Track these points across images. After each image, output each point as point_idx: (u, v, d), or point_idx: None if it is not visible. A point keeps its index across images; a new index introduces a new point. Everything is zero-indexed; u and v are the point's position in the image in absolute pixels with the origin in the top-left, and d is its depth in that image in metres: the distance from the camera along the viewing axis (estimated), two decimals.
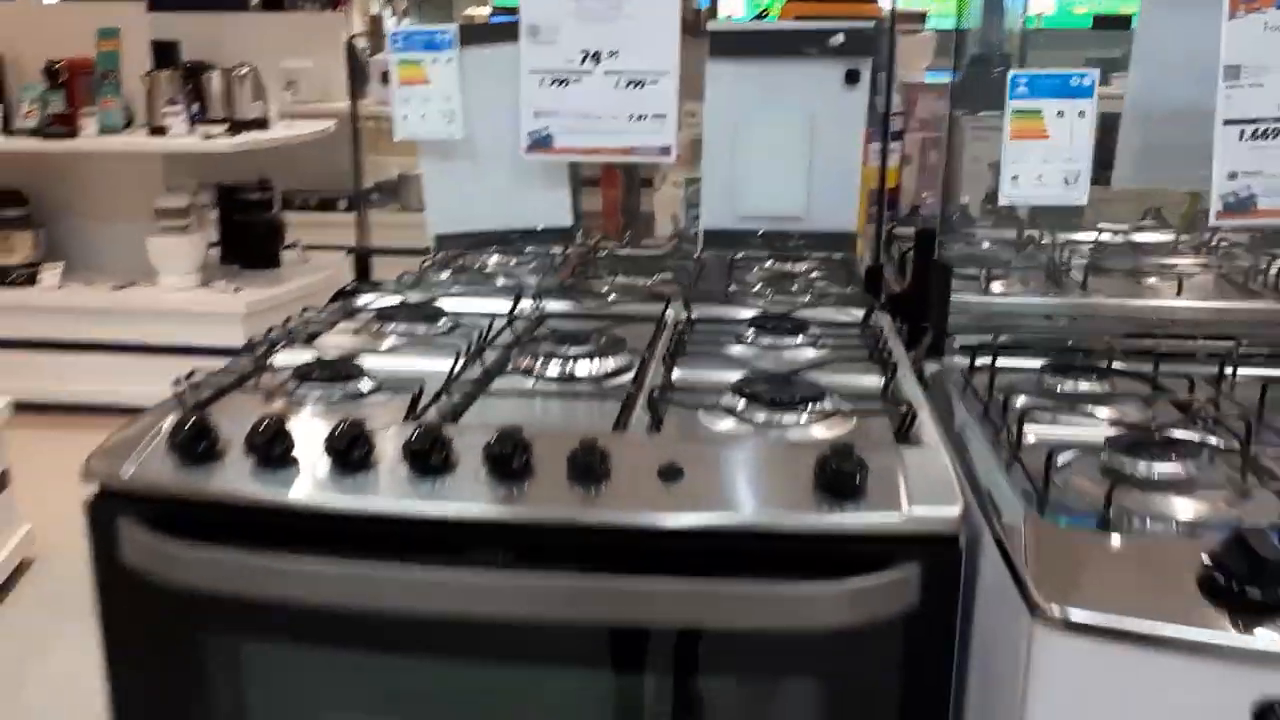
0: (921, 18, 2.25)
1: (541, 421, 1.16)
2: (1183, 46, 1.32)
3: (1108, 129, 1.41)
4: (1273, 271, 1.62)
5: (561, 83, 1.50)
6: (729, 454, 1.03)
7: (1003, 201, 1.35)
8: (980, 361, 1.26)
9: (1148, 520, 0.88)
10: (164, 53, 4.35)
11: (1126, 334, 1.33)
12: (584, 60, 1.49)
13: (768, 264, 1.73)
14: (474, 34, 1.55)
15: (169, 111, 3.94)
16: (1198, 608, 0.75)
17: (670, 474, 0.98)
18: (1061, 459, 0.97)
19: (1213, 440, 0.99)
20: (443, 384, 1.16)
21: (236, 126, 4.13)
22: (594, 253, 1.82)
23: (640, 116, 1.50)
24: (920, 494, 0.95)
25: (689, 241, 1.84)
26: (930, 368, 1.32)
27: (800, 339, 1.37)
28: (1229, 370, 1.22)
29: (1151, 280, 1.64)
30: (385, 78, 1.56)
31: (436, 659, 1.01)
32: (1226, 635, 0.73)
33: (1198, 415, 1.07)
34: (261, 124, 4.30)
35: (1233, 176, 1.28)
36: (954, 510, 0.93)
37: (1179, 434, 1.00)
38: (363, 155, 1.73)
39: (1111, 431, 1.03)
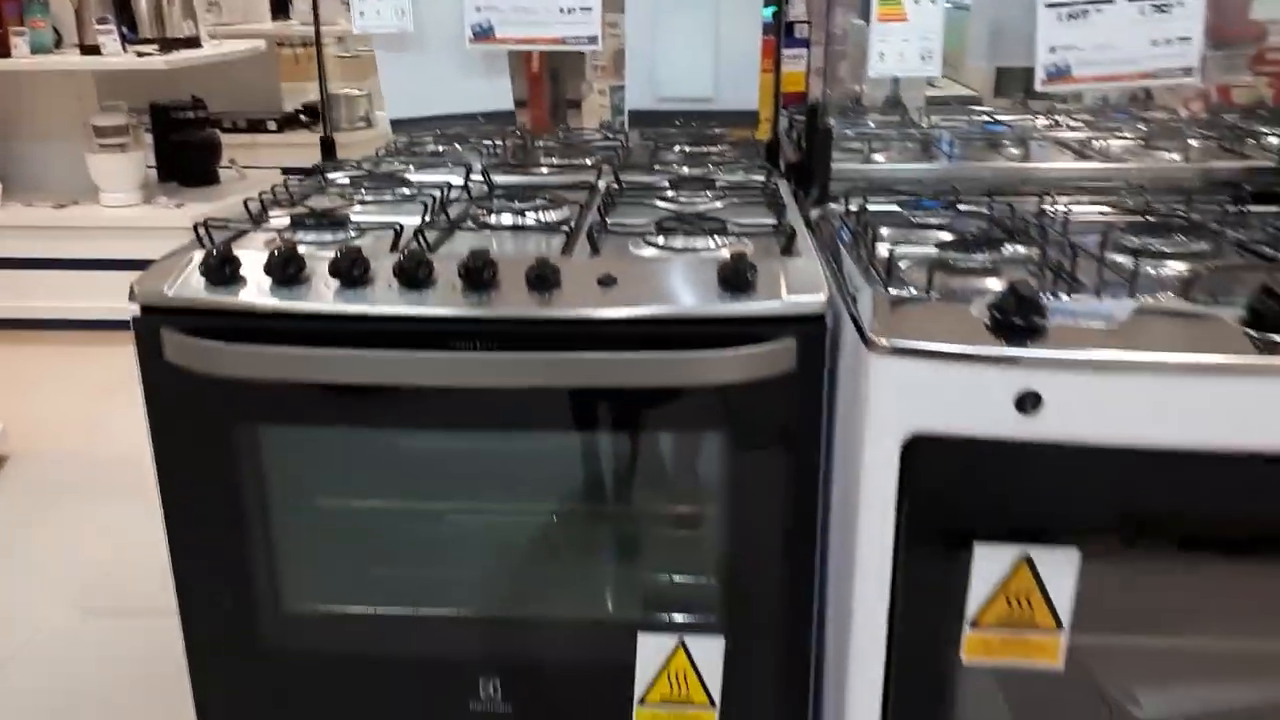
0: None
1: (502, 250, 1.42)
2: None
3: None
4: (1104, 142, 1.97)
5: None
6: (653, 267, 1.31)
7: (871, 74, 1.63)
8: (853, 206, 1.56)
9: (958, 291, 1.18)
10: None
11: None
12: None
13: (684, 143, 2.01)
14: None
15: (100, 30, 4.01)
16: (981, 333, 1.05)
17: (607, 281, 1.26)
18: (904, 261, 1.27)
19: (1018, 248, 1.30)
20: (417, 227, 1.41)
21: (168, 45, 4.22)
22: (533, 139, 2.07)
23: (569, 10, 1.74)
24: (796, 287, 1.24)
25: (616, 131, 2.10)
26: (815, 213, 1.61)
27: (710, 195, 1.64)
28: (1046, 207, 1.53)
29: (1008, 148, 1.96)
30: None
31: (427, 429, 1.29)
32: (998, 348, 1.04)
33: (1013, 231, 1.37)
34: (193, 43, 4.38)
35: (1053, 50, 1.58)
36: (820, 297, 1.22)
37: (993, 241, 1.31)
38: (322, 53, 1.93)
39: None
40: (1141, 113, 2.22)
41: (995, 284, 1.21)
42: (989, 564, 1.10)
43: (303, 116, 5.10)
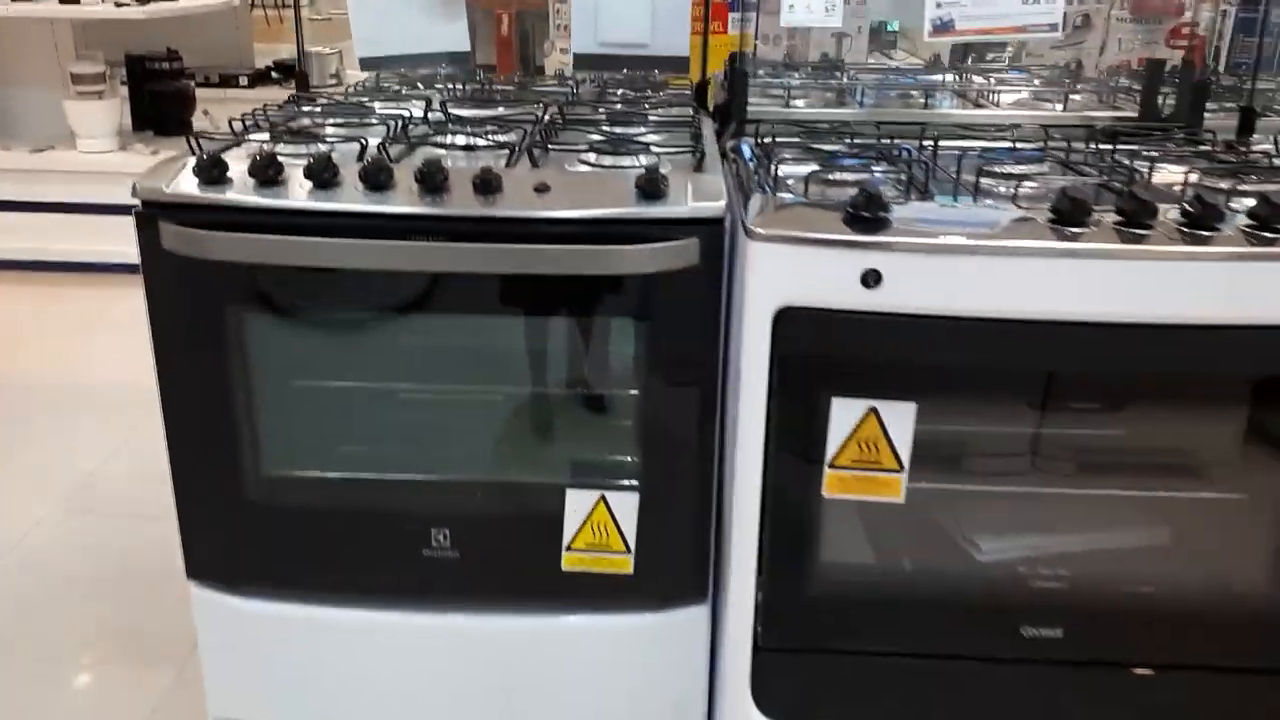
0: None
1: (454, 163, 1.64)
2: None
3: None
4: (1000, 96, 2.23)
5: None
6: (582, 178, 1.55)
7: (783, 24, 1.87)
8: (763, 138, 1.80)
9: (827, 197, 1.43)
10: None
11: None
12: None
13: (629, 89, 2.25)
14: None
15: None
16: (839, 225, 1.30)
17: (542, 188, 1.49)
18: (790, 179, 1.51)
19: (887, 167, 1.55)
20: (380, 142, 1.63)
21: None
22: (491, 82, 2.30)
23: None
24: (701, 196, 1.47)
25: (568, 79, 2.33)
26: (730, 143, 1.85)
27: (642, 128, 1.88)
28: (928, 143, 1.77)
29: (916, 99, 2.21)
30: None
31: (385, 313, 1.52)
32: (848, 234, 1.28)
33: (894, 160, 1.62)
34: None
35: (939, 5, 1.82)
36: (720, 204, 1.46)
37: (865, 162, 1.56)
38: None
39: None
40: (1050, 75, 2.49)
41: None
42: (843, 415, 1.35)
43: (274, 74, 5.26)
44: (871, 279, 1.28)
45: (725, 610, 1.53)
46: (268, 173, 1.47)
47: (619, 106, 2.10)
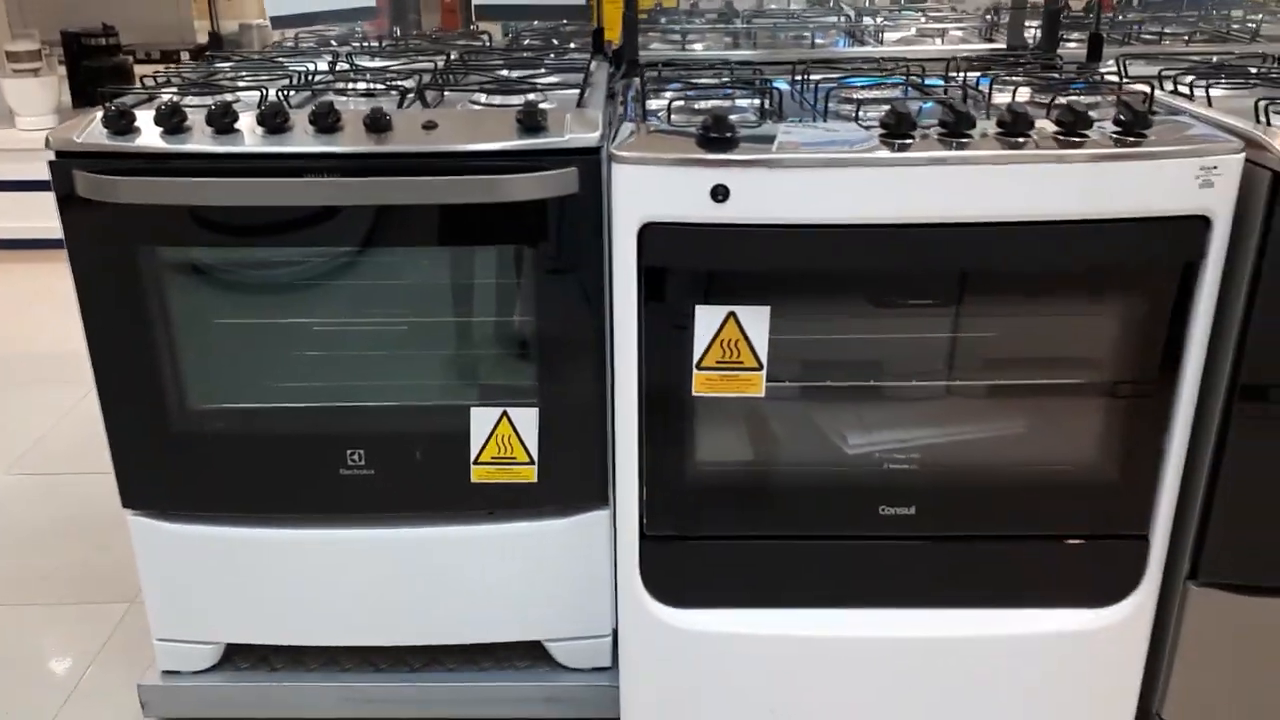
0: None
1: (351, 106, 1.75)
2: None
3: None
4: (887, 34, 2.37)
5: None
6: (469, 116, 1.67)
7: None
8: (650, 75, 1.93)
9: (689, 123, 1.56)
10: None
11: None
12: None
13: (539, 37, 2.37)
14: None
15: None
16: (693, 146, 1.44)
17: (430, 125, 1.61)
18: (660, 111, 1.63)
19: (752, 99, 1.68)
20: (280, 89, 1.74)
21: None
22: (406, 37, 2.41)
23: None
24: (578, 128, 1.60)
25: (481, 32, 2.45)
26: (621, 83, 1.98)
27: (540, 71, 2.00)
28: (799, 76, 1.90)
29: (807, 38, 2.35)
30: None
31: (293, 248, 1.64)
32: (700, 154, 1.42)
33: (756, 90, 1.75)
34: None
35: None
36: (595, 134, 1.59)
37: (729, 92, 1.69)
38: None
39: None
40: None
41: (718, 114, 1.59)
42: (706, 319, 1.49)
43: (208, 52, 5.30)
44: (720, 193, 1.41)
45: (615, 505, 1.68)
46: (171, 120, 1.58)
47: (523, 54, 2.23)
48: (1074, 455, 1.63)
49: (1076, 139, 1.42)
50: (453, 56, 2.14)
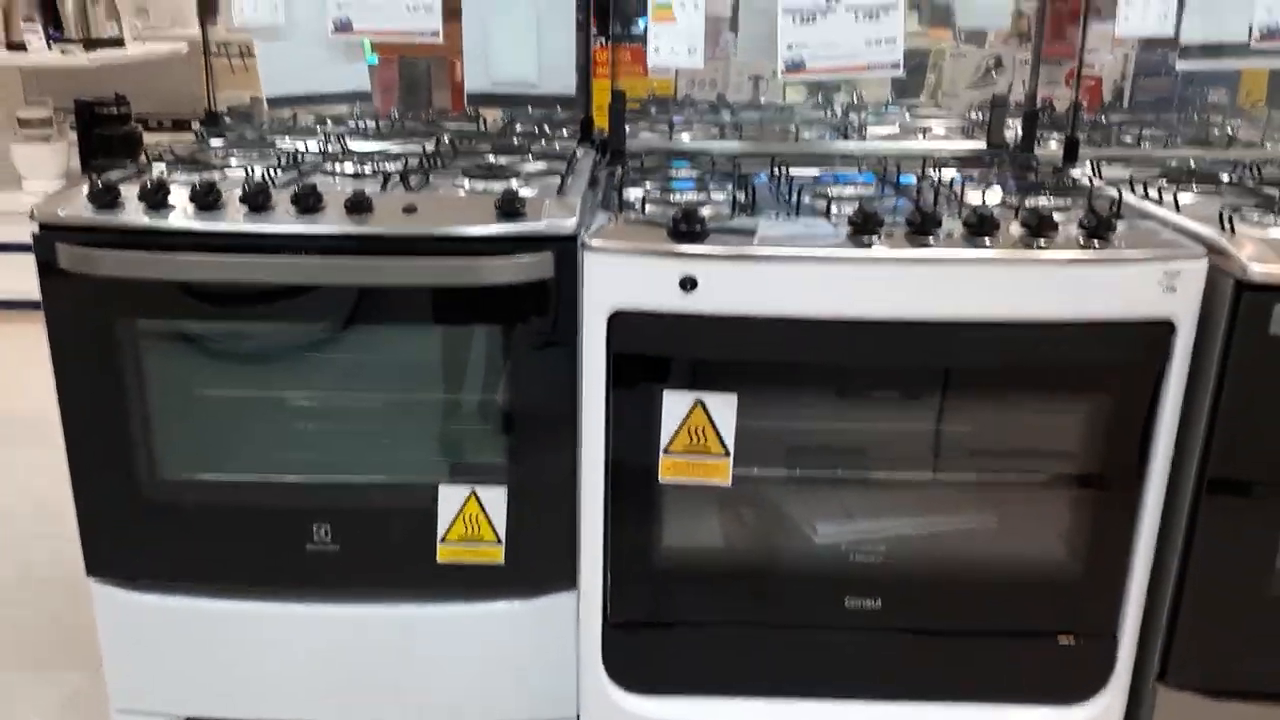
0: None
1: (334, 188, 1.78)
2: None
3: None
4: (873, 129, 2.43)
5: None
6: (451, 200, 1.71)
7: (651, 64, 2.04)
8: (632, 165, 1.97)
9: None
10: None
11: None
12: None
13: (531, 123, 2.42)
14: None
15: (27, 28, 4.31)
16: (663, 238, 1.46)
17: (410, 209, 1.64)
18: (638, 201, 1.67)
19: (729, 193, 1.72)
20: (265, 170, 1.78)
21: (92, 44, 4.52)
22: (402, 119, 2.47)
23: (414, 8, 2.13)
24: (555, 216, 1.63)
25: (473, 118, 2.50)
26: (605, 171, 2.02)
27: (526, 157, 2.04)
28: (777, 170, 1.94)
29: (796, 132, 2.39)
30: None
31: (269, 323, 1.66)
32: (670, 246, 1.44)
33: (733, 182, 1.79)
34: (117, 43, 4.69)
35: (790, 48, 2.00)
36: (572, 221, 1.61)
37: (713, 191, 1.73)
38: (207, 37, 2.30)
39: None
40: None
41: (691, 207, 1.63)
42: (674, 406, 1.50)
43: (227, 119, 5.43)
44: (688, 284, 1.43)
45: (580, 590, 1.67)
46: (155, 196, 1.61)
47: (514, 140, 2.28)
48: (1042, 551, 1.62)
49: (1042, 242, 1.44)
50: (444, 140, 2.19)
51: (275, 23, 2.17)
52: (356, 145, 2.17)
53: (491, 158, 2.04)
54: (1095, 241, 1.44)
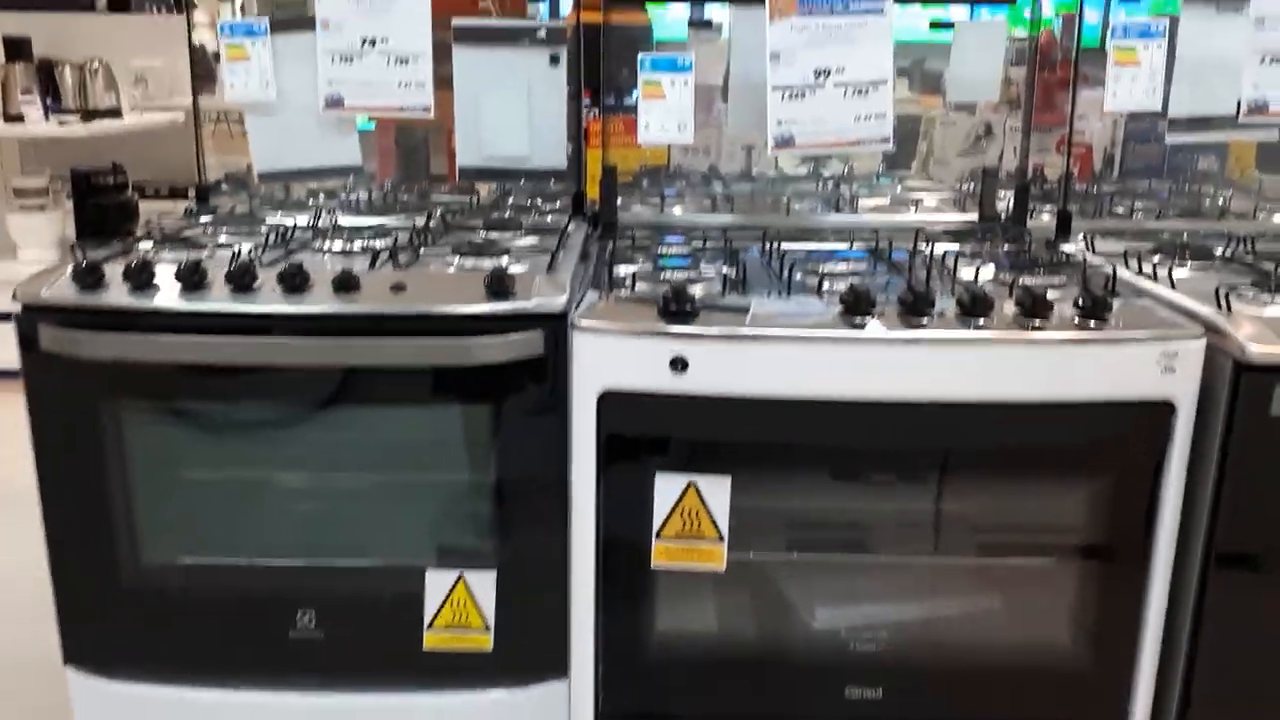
0: None
1: (324, 266, 1.76)
2: (759, 41, 2.03)
3: None
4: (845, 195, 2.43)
5: (347, 60, 2.12)
6: (439, 278, 1.69)
7: (641, 140, 2.05)
8: (624, 240, 1.96)
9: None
10: (15, 48, 4.71)
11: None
12: (362, 44, 2.12)
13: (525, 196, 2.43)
14: (282, 24, 2.16)
15: (25, 100, 4.34)
16: (654, 317, 1.44)
17: (398, 287, 1.62)
18: (628, 278, 1.65)
19: (717, 265, 1.70)
20: (251, 248, 1.77)
21: (90, 115, 4.56)
22: (395, 193, 2.48)
23: (406, 84, 2.14)
24: (545, 294, 1.61)
25: (466, 190, 2.50)
26: (596, 246, 2.01)
27: (518, 232, 2.03)
28: (768, 244, 1.93)
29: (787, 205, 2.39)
30: (217, 57, 2.16)
31: (251, 405, 1.63)
32: (660, 326, 1.42)
33: (725, 258, 1.77)
34: (115, 113, 4.72)
35: (780, 123, 2.01)
36: (561, 299, 1.60)
37: (703, 266, 1.71)
38: (198, 111, 2.31)
39: None
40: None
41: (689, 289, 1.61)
42: (666, 488, 1.47)
43: (224, 186, 5.46)
44: (679, 364, 1.41)
45: (571, 679, 1.61)
46: (140, 277, 1.60)
47: (506, 213, 2.28)
48: (1047, 635, 1.58)
49: (1037, 322, 1.43)
50: (438, 214, 2.18)
51: (266, 98, 2.18)
52: (348, 220, 2.17)
53: (482, 233, 2.03)
54: (1091, 321, 1.43)
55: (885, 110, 2.01)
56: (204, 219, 2.11)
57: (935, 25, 2.22)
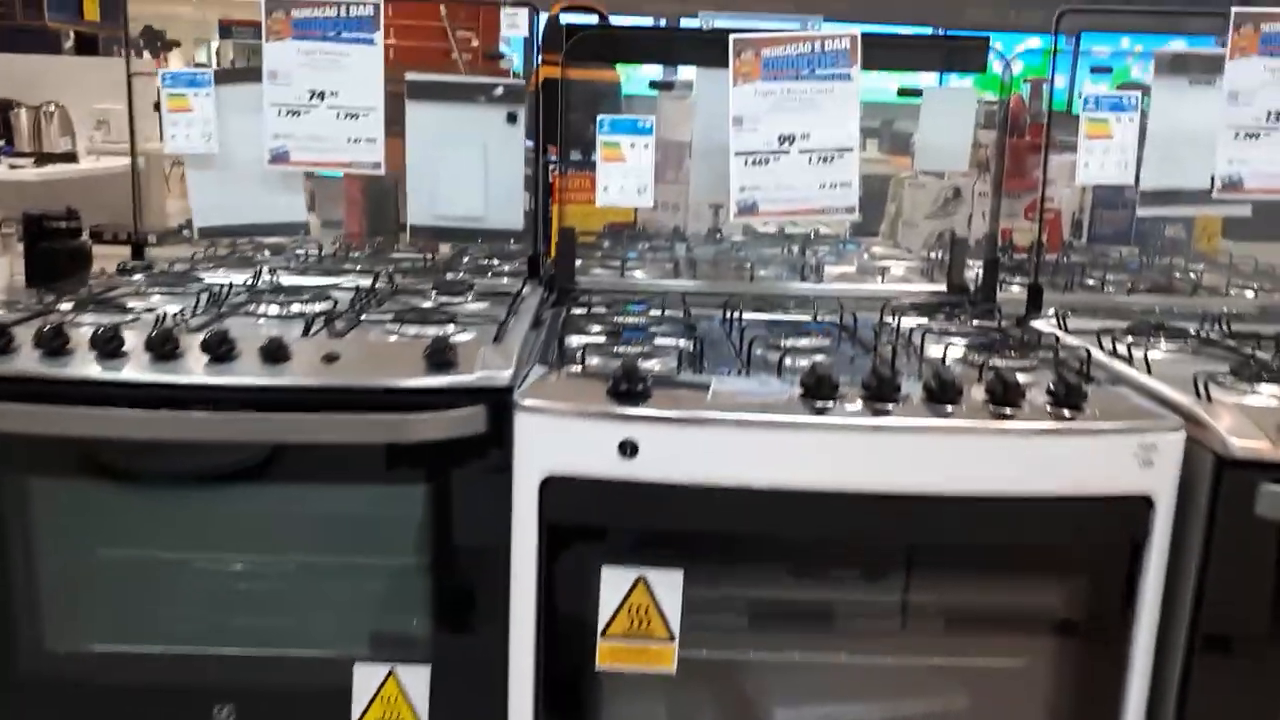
0: None
1: (259, 330, 1.65)
2: (721, 108, 1.96)
3: None
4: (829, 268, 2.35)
5: (295, 113, 2.04)
6: (376, 348, 1.59)
7: (600, 203, 1.97)
8: (577, 309, 1.87)
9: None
10: None
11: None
12: (311, 97, 2.03)
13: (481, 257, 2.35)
14: (228, 75, 2.07)
15: None
16: (603, 397, 1.34)
17: (330, 358, 1.52)
18: (579, 350, 1.56)
19: (676, 341, 1.62)
20: (178, 312, 1.66)
21: (44, 159, 4.44)
22: (348, 249, 2.39)
23: (355, 139, 2.05)
24: (489, 366, 1.51)
25: (422, 250, 2.40)
26: (550, 312, 1.92)
27: (468, 296, 1.94)
28: (730, 314, 1.85)
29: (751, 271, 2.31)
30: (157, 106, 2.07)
31: (166, 482, 1.51)
32: (608, 407, 1.32)
33: (683, 331, 1.69)
34: (70, 158, 4.61)
35: (743, 190, 1.94)
36: (506, 373, 1.50)
37: (659, 339, 1.62)
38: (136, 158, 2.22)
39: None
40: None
41: (642, 364, 1.52)
42: (613, 582, 1.36)
43: (184, 231, 5.34)
44: (628, 449, 1.31)
45: None
46: (53, 343, 1.48)
47: (461, 273, 2.19)
48: None
49: (1008, 410, 1.34)
50: (386, 275, 2.08)
51: (208, 151, 2.08)
52: (291, 280, 2.07)
53: (432, 296, 1.94)
54: (1065, 411, 1.35)
55: (851, 179, 1.95)
56: (138, 276, 2.00)
57: (904, 92, 2.16)
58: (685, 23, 2.83)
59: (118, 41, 5.77)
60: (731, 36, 1.90)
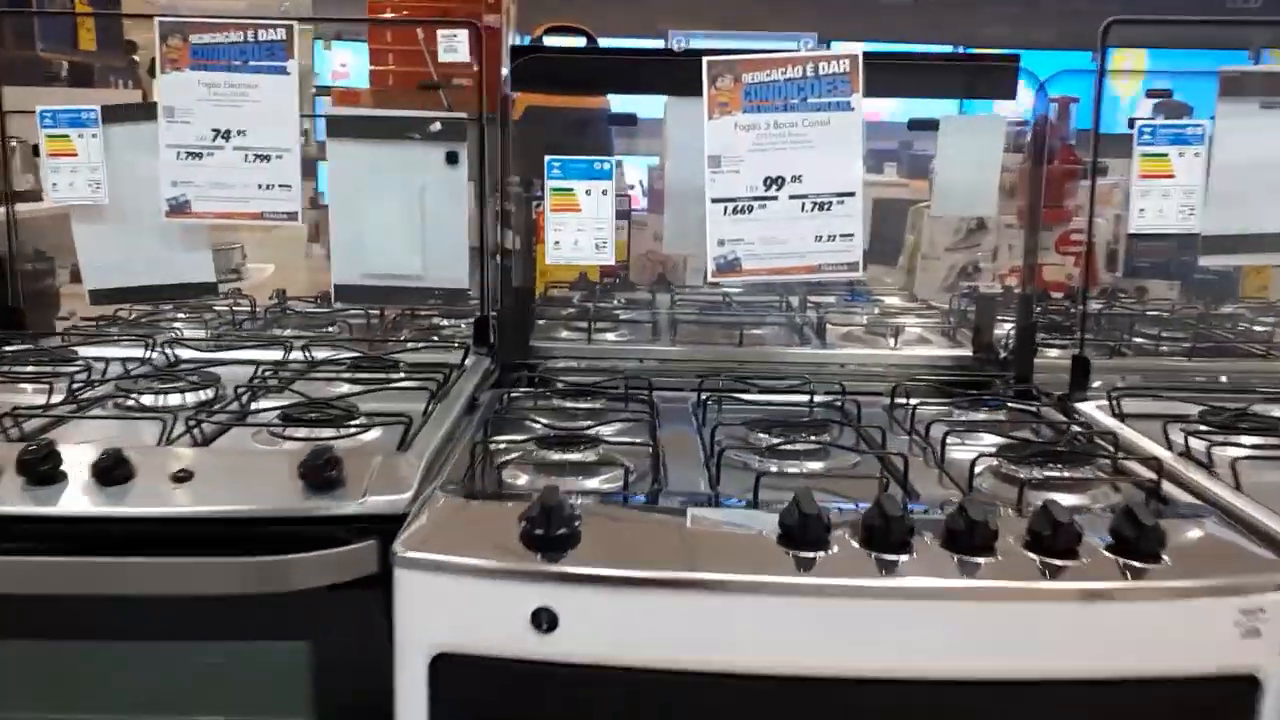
0: None
1: (102, 437, 1.32)
2: (696, 143, 1.62)
3: None
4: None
5: (196, 156, 1.72)
6: (242, 461, 1.25)
7: (549, 260, 1.63)
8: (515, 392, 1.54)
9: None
10: None
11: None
12: (215, 137, 1.71)
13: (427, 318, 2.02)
14: (117, 113, 1.76)
15: None
16: (515, 545, 1.00)
17: (181, 477, 1.18)
18: (505, 454, 1.22)
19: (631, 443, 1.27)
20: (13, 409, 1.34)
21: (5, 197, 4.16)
22: (269, 311, 2.07)
23: (268, 185, 1.73)
24: (384, 486, 1.17)
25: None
26: (488, 395, 1.58)
27: (396, 374, 1.61)
28: (705, 399, 1.51)
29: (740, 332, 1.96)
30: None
31: None
32: (517, 562, 0.98)
33: (646, 430, 1.35)
34: (33, 196, 4.33)
35: (722, 244, 1.60)
36: (405, 497, 1.16)
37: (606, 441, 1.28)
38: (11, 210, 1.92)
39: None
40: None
41: (579, 482, 1.18)
42: None
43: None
44: (544, 621, 0.97)
45: None
46: None
47: (405, 336, 1.88)
48: None
49: (1058, 563, 0.99)
50: (298, 347, 1.75)
51: (96, 200, 1.77)
52: (191, 353, 1.75)
53: (348, 376, 1.60)
54: (1136, 562, 0.99)
55: (854, 230, 1.61)
56: (5, 350, 1.69)
57: (915, 125, 1.82)
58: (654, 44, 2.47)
59: (115, 71, 5.55)
60: (705, 59, 1.56)
